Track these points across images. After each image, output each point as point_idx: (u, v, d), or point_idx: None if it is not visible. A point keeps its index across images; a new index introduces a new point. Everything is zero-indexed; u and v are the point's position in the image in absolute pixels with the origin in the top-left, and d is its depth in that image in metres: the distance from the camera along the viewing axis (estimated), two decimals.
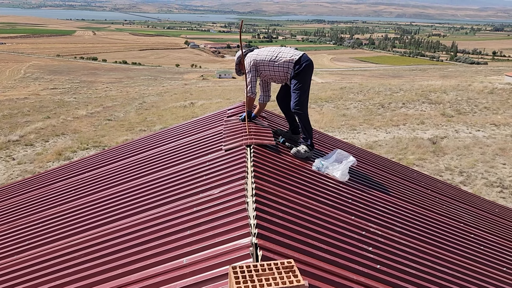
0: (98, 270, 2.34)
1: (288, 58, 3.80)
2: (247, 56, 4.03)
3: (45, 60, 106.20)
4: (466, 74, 64.40)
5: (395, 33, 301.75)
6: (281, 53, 3.88)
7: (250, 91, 4.03)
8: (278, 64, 3.85)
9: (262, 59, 3.91)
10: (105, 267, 2.34)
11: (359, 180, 3.89)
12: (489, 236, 3.97)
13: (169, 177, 3.45)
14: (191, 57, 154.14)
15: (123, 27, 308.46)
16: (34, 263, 2.73)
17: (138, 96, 36.21)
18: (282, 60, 3.83)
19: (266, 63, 3.90)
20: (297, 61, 3.77)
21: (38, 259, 2.77)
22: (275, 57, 3.87)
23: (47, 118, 23.02)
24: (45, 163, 13.53)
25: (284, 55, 3.84)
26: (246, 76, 3.99)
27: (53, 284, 2.40)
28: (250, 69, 3.97)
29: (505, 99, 21.39)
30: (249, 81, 3.98)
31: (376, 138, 15.47)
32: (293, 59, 3.78)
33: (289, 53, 3.86)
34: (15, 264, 2.86)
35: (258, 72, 4.00)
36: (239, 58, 4.12)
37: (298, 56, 3.78)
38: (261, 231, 2.17)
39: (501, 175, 11.44)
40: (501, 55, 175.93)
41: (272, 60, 3.87)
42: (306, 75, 3.82)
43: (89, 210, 3.37)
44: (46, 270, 2.59)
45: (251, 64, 3.96)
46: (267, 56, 3.90)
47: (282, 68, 3.84)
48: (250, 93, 4.04)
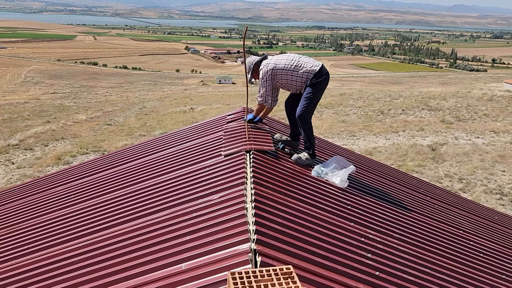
0: (96, 275, 2.34)
1: (309, 68, 3.75)
2: (263, 64, 3.94)
3: (45, 65, 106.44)
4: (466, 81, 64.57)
5: (394, 40, 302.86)
6: (301, 62, 3.81)
7: (263, 99, 3.96)
8: (298, 73, 3.78)
9: (281, 68, 3.82)
10: (104, 272, 2.34)
11: (359, 187, 3.89)
12: (488, 243, 3.97)
13: (168, 183, 3.45)
14: (191, 62, 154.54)
15: (123, 32, 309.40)
16: (33, 268, 2.73)
17: (138, 101, 36.26)
18: (303, 70, 3.76)
19: (285, 72, 3.82)
20: (318, 72, 3.74)
21: (36, 263, 2.77)
22: (295, 66, 3.79)
23: (47, 123, 23.03)
24: (44, 167, 13.52)
25: (305, 64, 3.78)
26: (261, 83, 3.91)
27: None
28: (267, 77, 3.88)
29: (504, 106, 21.43)
30: (264, 89, 3.91)
31: (376, 144, 15.47)
32: (314, 70, 3.74)
33: (309, 62, 3.80)
34: (13, 268, 2.85)
35: (275, 80, 3.91)
36: (253, 65, 4.02)
37: (318, 67, 3.75)
38: (260, 237, 2.17)
39: (501, 182, 11.43)
40: (501, 62, 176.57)
41: (291, 69, 3.80)
42: (322, 87, 3.81)
43: (88, 215, 3.37)
44: (44, 275, 2.58)
45: (268, 72, 3.87)
46: (286, 65, 3.81)
47: (301, 78, 3.79)
48: (264, 101, 3.97)
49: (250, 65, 4.03)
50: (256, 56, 4.15)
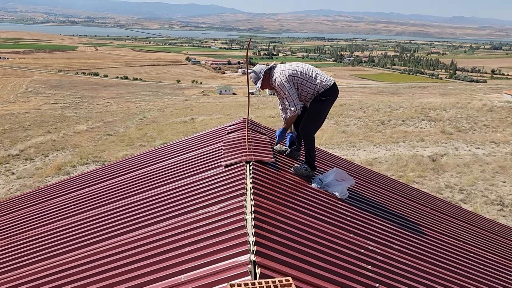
0: (96, 286, 2.33)
1: (323, 80, 3.67)
2: (277, 72, 3.76)
3: (47, 75, 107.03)
4: (465, 92, 64.78)
5: (394, 51, 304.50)
6: (316, 72, 3.73)
7: (295, 108, 3.69)
8: (313, 83, 3.68)
9: (298, 75, 3.68)
10: (103, 283, 2.33)
11: (358, 198, 3.89)
12: (489, 255, 3.95)
13: (168, 193, 3.45)
14: (192, 73, 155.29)
15: (125, 43, 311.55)
16: (33, 279, 2.71)
17: (139, 111, 36.37)
18: (318, 80, 3.68)
19: (301, 79, 3.68)
20: (329, 88, 3.69)
21: (36, 274, 2.76)
22: (311, 74, 3.69)
23: (48, 133, 23.08)
24: (44, 177, 13.52)
25: (320, 77, 3.69)
26: (285, 92, 3.67)
27: None
28: (289, 84, 3.65)
29: (504, 117, 21.47)
30: (291, 97, 3.66)
31: (376, 155, 15.47)
32: (328, 84, 3.67)
33: (323, 75, 3.72)
34: (13, 279, 2.84)
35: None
36: (263, 73, 3.82)
37: (332, 82, 3.70)
38: (260, 249, 2.17)
39: (501, 193, 11.41)
40: (500, 73, 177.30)
41: (308, 76, 3.69)
42: (331, 103, 3.78)
43: (88, 226, 3.37)
44: (45, 286, 2.57)
45: (288, 78, 3.66)
46: (303, 72, 3.69)
47: (313, 89, 3.69)
48: (296, 109, 3.70)
49: (259, 73, 3.82)
50: (263, 65, 3.95)
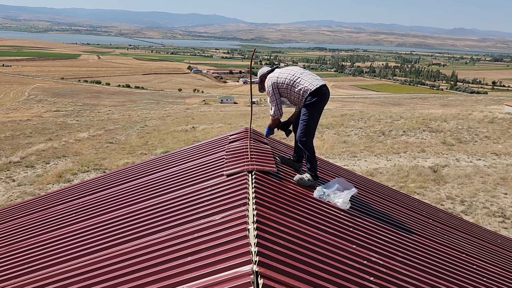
0: None
1: (305, 86, 3.75)
2: (268, 78, 4.00)
3: (49, 83, 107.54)
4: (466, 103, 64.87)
5: (395, 62, 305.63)
6: (300, 78, 3.81)
7: (272, 112, 4.02)
8: (295, 90, 3.81)
9: (282, 82, 3.87)
10: None
11: (360, 209, 3.87)
12: (491, 267, 3.92)
13: (170, 202, 3.45)
14: (194, 82, 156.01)
15: (127, 51, 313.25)
16: (33, 287, 2.70)
17: (140, 120, 36.46)
18: (300, 86, 3.78)
19: (285, 86, 3.87)
20: (312, 92, 3.71)
21: (37, 283, 2.74)
22: (294, 81, 3.81)
23: (49, 140, 23.12)
24: (45, 185, 13.51)
25: (303, 82, 3.77)
26: (269, 97, 3.98)
27: None
28: (273, 91, 3.92)
29: (505, 129, 21.48)
30: (273, 102, 3.96)
31: (377, 165, 15.45)
32: (309, 89, 3.71)
33: (307, 80, 3.78)
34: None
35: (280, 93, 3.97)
36: (261, 77, 4.13)
37: (315, 87, 3.71)
38: (262, 259, 2.15)
39: (503, 205, 11.36)
40: (501, 85, 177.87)
41: (290, 84, 3.83)
42: (317, 107, 3.77)
43: (88, 235, 3.35)
44: None
45: (272, 85, 3.92)
46: (286, 79, 3.85)
47: (298, 95, 3.81)
48: (277, 114, 4.02)
49: (259, 77, 4.15)
50: (267, 67, 4.21)
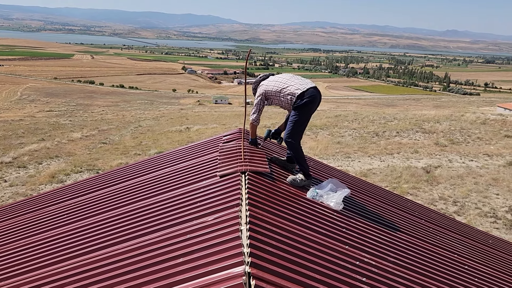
0: None
1: (292, 91, 3.86)
2: (260, 85, 4.15)
3: (42, 83, 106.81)
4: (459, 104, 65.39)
5: (389, 63, 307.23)
6: (287, 84, 3.93)
7: (253, 119, 4.17)
8: (283, 96, 3.93)
9: (270, 89, 4.02)
10: None
11: (354, 209, 3.89)
12: (483, 267, 3.95)
13: (163, 203, 3.43)
14: (188, 82, 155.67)
15: (121, 51, 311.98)
16: None
17: (134, 120, 36.32)
18: (287, 92, 3.89)
19: (274, 94, 4.01)
20: (299, 95, 3.80)
21: (28, 284, 2.72)
22: (281, 88, 3.94)
23: (42, 140, 22.94)
24: (37, 185, 13.40)
25: (290, 87, 3.89)
26: (254, 103, 4.12)
27: None
28: (260, 99, 4.09)
29: (497, 130, 21.65)
30: (255, 109, 4.12)
31: (371, 166, 15.51)
32: (296, 93, 3.82)
33: (295, 85, 3.89)
34: None
35: (269, 100, 4.11)
36: (255, 84, 4.25)
37: (301, 91, 3.80)
38: (255, 260, 2.15)
39: (495, 205, 11.45)
40: (493, 86, 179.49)
41: (278, 91, 3.97)
42: (306, 109, 3.83)
43: (81, 236, 3.33)
44: None
45: (261, 94, 4.08)
46: (274, 87, 3.99)
47: (287, 100, 3.92)
48: (256, 121, 4.19)
49: (254, 83, 4.28)
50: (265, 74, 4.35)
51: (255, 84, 4.25)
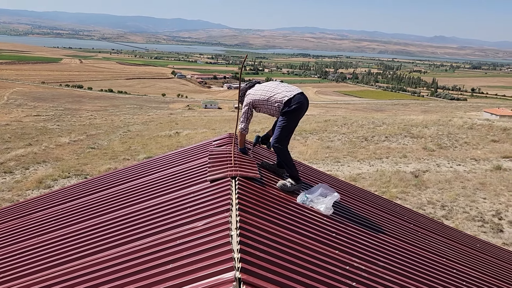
0: None
1: (279, 98, 3.90)
2: (247, 93, 4.16)
3: (29, 87, 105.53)
4: (447, 109, 66.23)
5: (377, 69, 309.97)
6: (274, 92, 3.96)
7: (242, 129, 4.19)
8: (271, 103, 3.96)
9: (257, 99, 4.04)
10: None
11: (343, 214, 3.90)
12: (471, 271, 3.99)
13: (152, 209, 3.41)
14: (178, 87, 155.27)
15: (110, 56, 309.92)
16: None
17: (123, 125, 36.07)
18: (274, 99, 3.93)
19: (261, 102, 4.03)
20: (286, 102, 3.84)
21: None
22: (269, 96, 3.97)
23: (29, 145, 22.65)
24: (24, 191, 13.21)
25: (277, 95, 3.92)
26: (242, 112, 4.13)
27: None
28: (248, 109, 4.11)
29: (484, 135, 21.95)
30: (244, 118, 4.13)
31: (360, 170, 15.60)
32: (283, 100, 3.86)
33: (281, 92, 3.93)
34: None
35: (257, 109, 4.14)
36: (242, 91, 4.27)
37: (288, 98, 3.85)
38: (245, 265, 2.15)
39: (482, 209, 11.59)
40: (480, 92, 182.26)
41: (265, 99, 3.99)
42: (293, 115, 3.89)
43: (67, 242, 3.29)
44: None
45: (248, 104, 4.10)
46: (261, 96, 4.02)
47: (274, 108, 3.96)
48: (245, 131, 4.20)
49: (241, 91, 4.30)
50: (250, 82, 4.36)
51: (241, 92, 4.26)
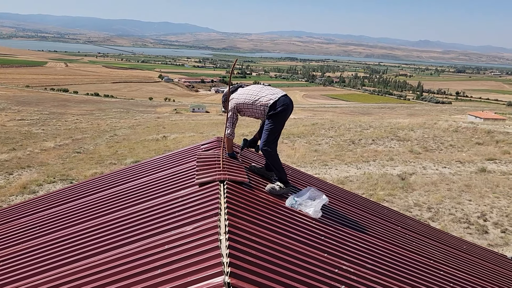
0: None
1: (264, 102, 3.91)
2: (230, 98, 4.12)
3: (13, 91, 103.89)
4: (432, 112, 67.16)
5: (364, 72, 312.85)
6: (258, 95, 3.97)
7: (228, 134, 4.16)
8: (256, 107, 3.96)
9: (242, 102, 4.03)
10: None
11: (332, 217, 3.91)
12: (458, 273, 4.03)
13: (139, 214, 3.37)
14: (165, 90, 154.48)
15: (96, 59, 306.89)
16: None
17: (110, 129, 35.72)
18: (259, 103, 3.94)
19: (246, 106, 4.03)
20: (272, 105, 3.85)
21: None
22: (253, 100, 3.97)
23: (13, 150, 22.27)
24: (8, 196, 12.98)
25: (261, 98, 3.93)
26: (228, 117, 4.10)
27: None
28: (233, 114, 4.10)
29: (469, 137, 22.31)
30: (229, 123, 4.11)
31: (347, 173, 15.70)
32: (268, 103, 3.87)
33: (266, 96, 3.93)
34: None
35: (241, 113, 4.12)
36: (224, 96, 4.21)
37: (273, 101, 3.86)
38: (234, 270, 2.13)
39: (467, 211, 11.75)
40: (464, 95, 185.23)
41: (250, 103, 3.99)
42: (279, 118, 3.90)
43: (53, 248, 3.23)
44: None
45: (233, 108, 4.08)
46: (246, 100, 4.02)
47: (260, 111, 3.96)
48: (231, 136, 4.20)
49: (223, 96, 4.26)
50: (233, 86, 4.31)
51: (224, 97, 4.22)
